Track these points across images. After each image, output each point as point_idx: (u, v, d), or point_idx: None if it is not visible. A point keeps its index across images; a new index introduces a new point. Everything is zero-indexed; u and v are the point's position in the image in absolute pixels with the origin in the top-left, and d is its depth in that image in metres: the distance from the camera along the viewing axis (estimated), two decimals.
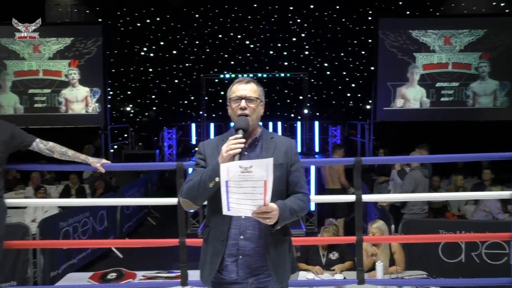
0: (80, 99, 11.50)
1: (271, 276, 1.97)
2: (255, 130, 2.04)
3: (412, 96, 11.35)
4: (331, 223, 4.05)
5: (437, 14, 12.40)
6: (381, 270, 3.50)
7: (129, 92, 14.92)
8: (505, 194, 3.20)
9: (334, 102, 14.81)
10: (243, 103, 1.97)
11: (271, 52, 14.83)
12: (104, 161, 2.97)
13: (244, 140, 1.84)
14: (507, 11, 11.98)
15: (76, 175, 7.61)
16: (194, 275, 2.87)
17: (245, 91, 2.00)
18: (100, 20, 12.40)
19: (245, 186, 1.70)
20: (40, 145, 2.88)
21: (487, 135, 10.46)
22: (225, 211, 1.77)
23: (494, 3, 12.27)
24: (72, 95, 11.48)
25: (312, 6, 14.29)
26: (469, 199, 6.47)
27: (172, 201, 3.01)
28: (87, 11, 12.76)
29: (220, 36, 14.76)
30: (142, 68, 14.82)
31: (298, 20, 14.65)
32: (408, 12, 12.91)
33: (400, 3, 13.52)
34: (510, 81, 11.12)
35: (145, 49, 14.78)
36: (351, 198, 3.02)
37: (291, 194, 2.02)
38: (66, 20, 12.11)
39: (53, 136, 3.06)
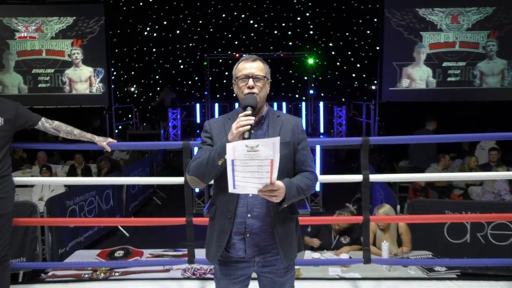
0: (83, 79, 11.46)
1: (278, 254, 1.98)
2: (261, 109, 2.02)
3: (418, 76, 11.22)
4: (347, 207, 4.05)
5: None
6: (387, 250, 3.51)
7: (132, 73, 14.83)
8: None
9: (339, 82, 14.68)
10: (250, 81, 1.95)
11: (276, 32, 14.63)
12: (110, 140, 2.97)
13: (253, 118, 1.82)
14: None
15: (81, 155, 7.63)
16: (200, 254, 2.89)
17: (252, 69, 1.97)
18: None
19: (252, 165, 1.69)
20: (45, 124, 2.90)
21: (494, 116, 10.37)
22: (230, 189, 1.76)
23: None
24: (75, 75, 11.45)
25: None
26: (475, 181, 6.46)
27: (179, 180, 3.01)
28: None
29: (224, 15, 14.57)
30: (145, 48, 14.70)
31: None
32: None
33: None
34: None
35: (148, 29, 14.62)
36: (358, 178, 3.00)
37: (298, 173, 2.01)
38: None
39: (57, 116, 3.06)
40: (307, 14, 14.52)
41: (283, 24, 14.60)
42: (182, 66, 15.00)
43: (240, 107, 2.00)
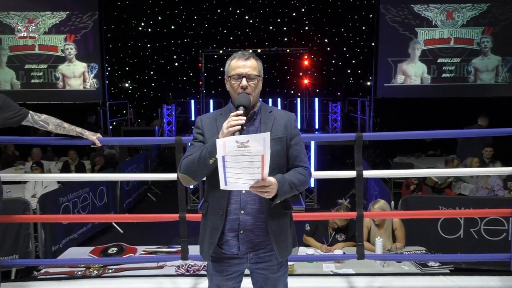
0: (77, 75, 11.38)
1: (272, 250, 1.97)
2: (254, 105, 2.00)
3: (413, 72, 11.25)
4: (340, 203, 4.04)
5: None
6: (381, 246, 3.52)
7: (127, 68, 14.75)
8: (506, 170, 3.18)
9: (334, 78, 14.68)
10: (244, 82, 1.92)
11: (271, 28, 14.61)
12: (99, 135, 2.92)
13: (245, 118, 1.80)
14: None
15: (75, 151, 7.58)
16: (193, 250, 2.88)
17: (245, 68, 1.93)
18: None
19: (242, 161, 1.68)
20: (34, 116, 2.75)
21: (488, 112, 10.40)
22: (222, 186, 1.74)
23: None
24: (69, 70, 11.37)
25: None
26: (468, 179, 6.47)
27: (172, 176, 2.99)
28: None
29: (219, 11, 14.52)
30: (140, 44, 14.62)
31: None
32: None
33: None
34: None
35: (142, 24, 14.53)
36: (351, 173, 2.99)
37: (291, 168, 1.99)
38: None
39: (50, 113, 2.95)
40: (303, 10, 14.50)
41: (278, 20, 14.57)
42: (176, 63, 14.94)
43: (232, 104, 1.98)
